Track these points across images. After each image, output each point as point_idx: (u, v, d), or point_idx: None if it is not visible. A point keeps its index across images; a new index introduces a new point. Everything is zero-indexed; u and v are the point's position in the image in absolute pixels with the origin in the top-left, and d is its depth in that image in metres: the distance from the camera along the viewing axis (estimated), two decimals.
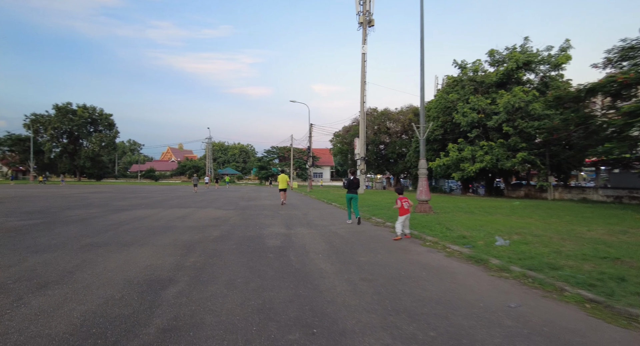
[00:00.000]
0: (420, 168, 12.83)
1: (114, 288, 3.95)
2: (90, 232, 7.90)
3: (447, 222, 9.80)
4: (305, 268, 5.09)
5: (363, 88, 29.61)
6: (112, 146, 78.75)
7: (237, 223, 9.84)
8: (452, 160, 25.64)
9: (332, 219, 11.43)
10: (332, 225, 9.86)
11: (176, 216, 11.40)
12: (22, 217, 10.51)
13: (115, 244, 6.50)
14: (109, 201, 17.64)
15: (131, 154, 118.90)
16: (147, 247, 6.29)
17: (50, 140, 70.16)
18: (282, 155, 69.67)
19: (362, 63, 29.66)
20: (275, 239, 7.41)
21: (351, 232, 8.73)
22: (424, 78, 12.82)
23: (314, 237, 7.85)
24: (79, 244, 6.43)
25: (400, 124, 44.96)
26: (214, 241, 7.06)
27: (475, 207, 15.44)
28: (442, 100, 28.74)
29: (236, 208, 14.87)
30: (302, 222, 10.41)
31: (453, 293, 4.12)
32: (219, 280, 4.41)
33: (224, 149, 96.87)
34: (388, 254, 6.18)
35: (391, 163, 48.17)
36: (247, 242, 7.07)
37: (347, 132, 48.90)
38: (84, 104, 73.45)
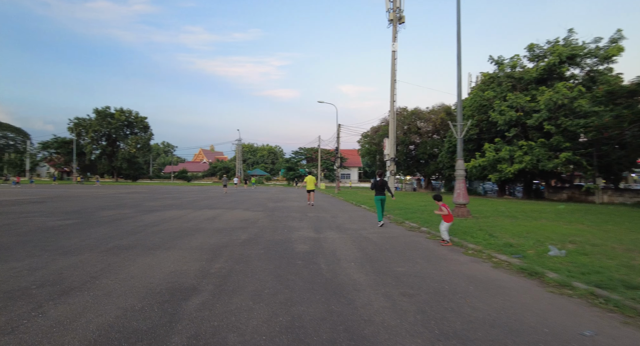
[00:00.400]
0: (457, 170, 12.08)
1: (135, 297, 3.71)
2: (120, 233, 7.88)
3: (488, 228, 9.07)
4: (337, 278, 4.67)
5: (393, 86, 28.84)
6: (146, 148, 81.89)
7: (265, 226, 9.58)
8: (489, 161, 24.38)
9: (362, 222, 10.95)
10: (362, 229, 9.38)
11: (205, 217, 11.32)
12: (60, 217, 10.77)
13: (142, 247, 6.37)
14: (141, 201, 18.02)
15: (165, 156, 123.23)
16: (173, 251, 6.11)
17: (90, 142, 73.87)
18: (310, 156, 69.67)
19: (392, 61, 28.90)
20: (304, 244, 7.05)
21: (384, 237, 8.23)
22: (461, 71, 12.08)
23: (344, 242, 7.42)
24: (107, 246, 6.34)
25: (431, 124, 43.62)
26: (241, 245, 6.80)
27: (516, 210, 14.43)
28: (477, 98, 27.46)
29: (264, 209, 14.69)
30: (332, 226, 10.00)
31: (509, 313, 3.57)
32: (245, 290, 4.09)
33: (253, 151, 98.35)
34: (427, 264, 5.65)
35: (422, 165, 46.85)
36: (275, 246, 6.75)
37: (376, 132, 48.07)
38: (121, 108, 76.79)
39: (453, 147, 31.88)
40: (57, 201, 17.27)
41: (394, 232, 9.04)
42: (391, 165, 28.89)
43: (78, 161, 73.04)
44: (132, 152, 76.81)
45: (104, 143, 76.36)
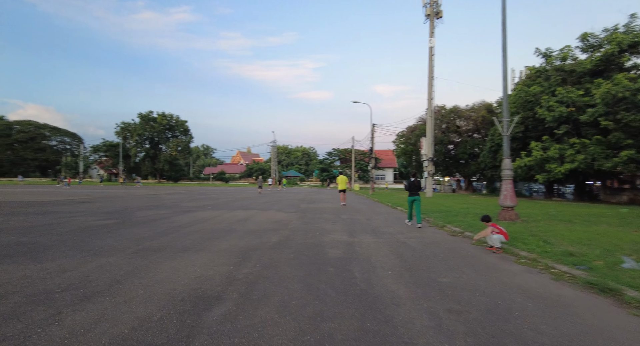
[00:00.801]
0: (504, 169, 11.13)
1: (155, 305, 3.48)
2: (153, 234, 7.87)
3: (541, 233, 8.18)
4: (373, 289, 4.21)
5: (430, 84, 27.72)
6: (187, 150, 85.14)
7: (297, 228, 9.27)
8: (536, 161, 22.69)
9: (399, 226, 10.35)
10: (399, 233, 8.81)
11: (238, 218, 11.23)
12: (101, 216, 11.10)
13: (171, 249, 6.24)
14: (179, 202, 18.43)
15: (204, 158, 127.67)
16: (201, 254, 5.92)
17: (135, 145, 77.90)
18: (344, 156, 69.14)
19: (430, 57, 27.79)
20: (336, 248, 6.64)
21: (423, 242, 7.62)
22: (507, 63, 11.13)
23: (380, 247, 6.92)
24: (138, 247, 6.28)
25: (471, 122, 41.68)
26: (271, 248, 6.51)
27: (570, 214, 13.15)
28: (521, 93, 25.73)
29: (297, 211, 14.44)
30: (366, 229, 9.51)
31: (583, 341, 2.95)
32: (271, 300, 3.74)
33: (287, 152, 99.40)
34: (475, 274, 5.04)
35: (461, 165, 44.89)
36: (306, 250, 6.39)
37: (412, 131, 46.66)
38: (163, 112, 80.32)
39: (496, 146, 30.12)
40: (101, 201, 18.06)
41: (435, 237, 8.39)
42: (429, 165, 27.75)
43: (124, 163, 77.25)
44: (173, 155, 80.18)
45: (148, 146, 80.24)
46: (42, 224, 9.06)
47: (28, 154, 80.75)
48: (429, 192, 27.97)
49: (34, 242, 6.59)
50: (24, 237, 7.11)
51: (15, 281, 4.13)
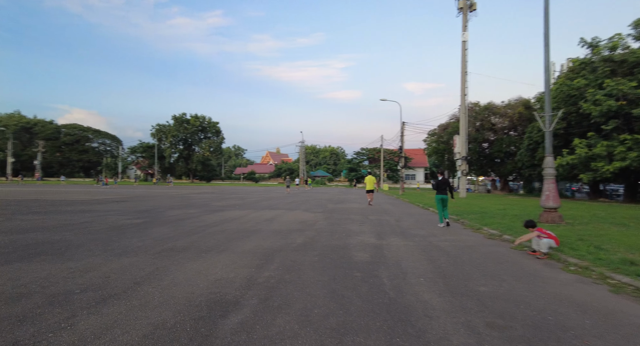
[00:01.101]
0: (546, 168, 10.31)
1: (171, 310, 3.31)
2: (179, 233, 7.86)
3: (591, 238, 7.42)
4: (403, 298, 3.85)
5: (464, 79, 26.60)
6: (218, 151, 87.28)
7: (323, 229, 8.99)
8: (580, 159, 21.14)
9: (430, 228, 9.83)
10: (432, 236, 8.32)
11: (264, 218, 11.12)
12: (132, 215, 11.35)
13: (195, 249, 6.15)
14: (209, 201, 18.69)
15: (235, 158, 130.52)
16: (224, 254, 5.77)
17: (169, 146, 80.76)
18: (372, 156, 68.18)
19: (463, 52, 26.68)
20: (363, 251, 6.29)
21: (458, 246, 7.12)
22: (549, 53, 10.29)
23: (410, 250, 6.51)
24: (163, 247, 6.24)
25: (507, 119, 39.78)
26: (295, 250, 6.27)
27: (622, 216, 12.03)
28: (563, 87, 24.09)
29: (324, 211, 14.18)
30: (396, 231, 9.07)
31: None
32: (292, 307, 3.48)
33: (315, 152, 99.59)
34: (517, 282, 4.54)
35: (497, 164, 43.00)
36: (332, 253, 6.10)
37: (444, 129, 45.22)
38: (196, 114, 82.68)
39: (534, 143, 28.45)
40: (135, 200, 18.65)
41: (470, 240, 7.84)
42: (462, 164, 26.65)
43: (159, 164, 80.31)
44: (205, 155, 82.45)
45: (181, 147, 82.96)
46: (75, 223, 9.33)
47: (73, 156, 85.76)
48: (462, 192, 26.86)
49: (64, 240, 6.73)
50: (56, 235, 7.30)
51: (39, 281, 4.13)
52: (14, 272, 4.46)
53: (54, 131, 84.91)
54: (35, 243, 6.44)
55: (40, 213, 11.61)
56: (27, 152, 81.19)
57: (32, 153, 79.51)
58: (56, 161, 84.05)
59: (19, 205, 14.38)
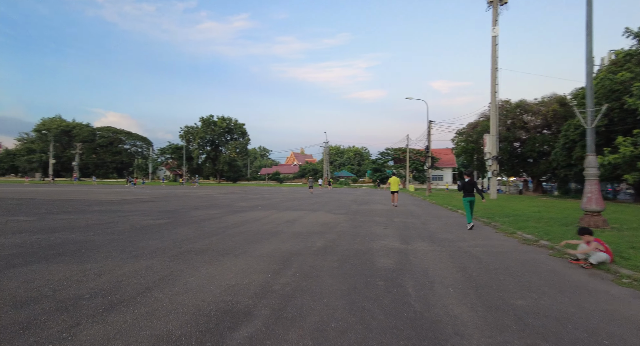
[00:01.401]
0: (588, 168, 9.52)
1: (178, 321, 3.11)
2: (199, 235, 7.78)
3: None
4: (430, 312, 3.49)
5: (494, 76, 25.49)
6: (244, 152, 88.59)
7: (345, 231, 8.67)
8: (624, 158, 19.65)
9: (460, 232, 9.29)
10: (461, 241, 7.81)
11: (286, 220, 10.92)
12: (156, 216, 11.46)
13: (213, 252, 6.00)
14: (233, 202, 18.77)
15: (261, 159, 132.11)
16: (241, 258, 5.58)
17: (197, 148, 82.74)
18: (398, 156, 66.98)
19: (493, 47, 25.57)
20: (387, 257, 5.93)
21: (490, 252, 6.61)
22: (592, 44, 9.48)
23: (439, 257, 6.08)
24: (180, 249, 6.13)
25: (540, 117, 37.88)
26: (314, 254, 5.99)
27: None
28: (605, 82, 22.55)
29: (347, 212, 13.83)
30: (422, 234, 8.61)
31: None
32: (307, 320, 3.20)
33: (339, 152, 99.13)
34: (561, 296, 4.06)
35: (529, 164, 41.09)
36: (353, 258, 5.77)
37: (473, 128, 43.67)
38: (222, 116, 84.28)
39: (570, 142, 26.85)
40: (161, 201, 19.01)
41: (504, 246, 7.29)
42: (492, 164, 25.53)
43: (187, 165, 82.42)
44: (232, 156, 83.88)
45: (209, 148, 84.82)
46: (100, 223, 9.48)
47: (107, 157, 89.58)
48: (492, 194, 25.73)
49: (87, 241, 6.77)
50: (80, 235, 7.38)
51: (52, 284, 4.06)
52: (30, 274, 4.44)
53: (89, 134, 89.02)
54: (58, 243, 6.50)
55: (71, 212, 11.95)
56: (66, 154, 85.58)
57: (70, 155, 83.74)
58: (92, 162, 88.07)
59: (54, 205, 14.94)
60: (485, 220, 11.58)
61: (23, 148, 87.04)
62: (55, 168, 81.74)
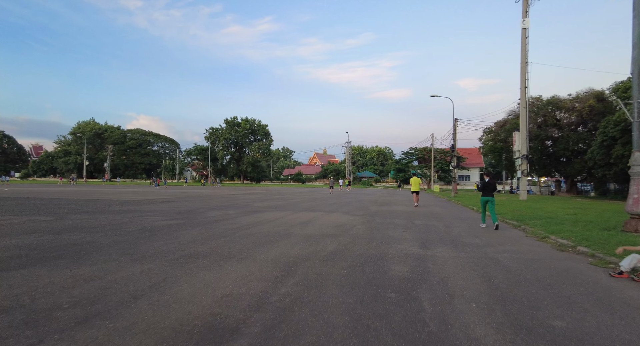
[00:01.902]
0: (633, 165, 8.55)
1: (154, 338, 2.74)
2: (207, 236, 7.50)
3: None
4: (447, 333, 2.96)
5: (524, 70, 24.16)
6: (267, 153, 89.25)
7: (360, 234, 8.16)
8: None
9: (486, 236, 8.58)
10: (487, 246, 7.14)
11: (300, 221, 10.53)
12: (171, 216, 11.36)
13: (215, 256, 5.66)
14: (251, 202, 18.60)
15: (284, 160, 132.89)
16: (244, 263, 5.21)
17: (222, 149, 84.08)
18: (422, 156, 65.35)
19: (523, 40, 24.25)
20: (403, 264, 5.39)
21: (520, 259, 5.93)
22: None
23: (461, 264, 5.48)
24: (183, 253, 5.84)
25: (575, 114, 35.78)
26: (323, 259, 5.54)
27: None
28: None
29: (365, 214, 13.29)
30: (444, 238, 7.98)
31: None
32: (301, 341, 2.75)
33: (362, 153, 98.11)
34: (609, 316, 3.41)
35: (562, 163, 38.91)
36: (364, 264, 5.28)
37: (502, 126, 41.84)
38: (246, 117, 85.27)
39: (609, 139, 25.08)
40: (181, 201, 19.09)
41: (536, 252, 6.57)
42: (522, 163, 24.20)
43: (212, 165, 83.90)
44: (255, 157, 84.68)
45: (233, 149, 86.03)
46: (114, 223, 9.42)
47: (137, 158, 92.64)
48: (522, 194, 24.39)
49: (91, 242, 6.61)
50: (88, 236, 7.26)
51: (34, 290, 3.81)
52: (19, 279, 4.23)
53: (120, 136, 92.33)
54: (63, 244, 6.37)
55: (90, 212, 12.06)
56: (98, 156, 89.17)
57: (102, 157, 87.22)
58: (122, 163, 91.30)
59: (77, 205, 15.23)
60: (514, 223, 10.75)
61: (60, 150, 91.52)
62: (89, 169, 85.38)
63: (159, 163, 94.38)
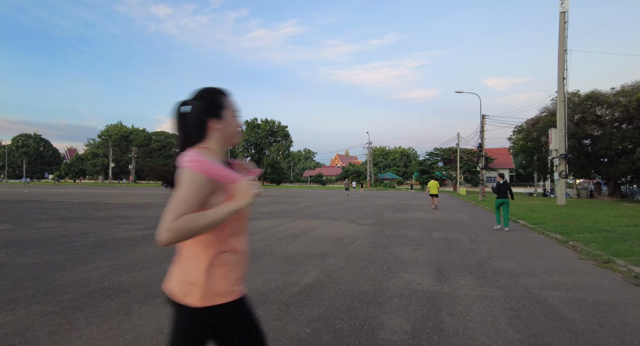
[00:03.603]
0: None
1: None
2: (159, 257, 5.93)
3: None
4: None
5: (562, 59, 21.51)
6: (287, 154, 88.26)
7: (358, 254, 6.36)
8: None
9: (525, 257, 6.56)
10: (529, 276, 5.17)
11: (293, 233, 8.84)
12: (148, 225, 9.98)
13: (137, 293, 4.05)
14: (254, 207, 17.09)
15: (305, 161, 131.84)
16: (162, 311, 3.57)
17: (242, 150, 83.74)
18: (447, 156, 62.20)
19: (561, 26, 21.61)
20: (404, 314, 3.58)
21: (582, 302, 3.96)
22: None
23: (493, 313, 3.60)
24: (97, 286, 4.26)
25: (619, 109, 32.30)
26: (285, 303, 3.80)
27: None
28: None
29: (375, 222, 11.41)
30: (469, 262, 6.05)
31: None
32: None
33: (384, 154, 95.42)
34: None
35: (603, 164, 35.38)
36: (344, 314, 3.51)
37: (534, 125, 38.65)
38: (266, 118, 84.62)
39: None
40: None
41: (603, 289, 4.57)
42: (561, 163, 21.53)
43: None
44: (275, 159, 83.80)
45: (253, 151, 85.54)
46: (68, 234, 8.06)
47: (160, 160, 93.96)
48: (560, 198, 21.69)
49: (4, 265, 5.18)
50: (13, 254, 5.86)
51: None
52: None
53: (145, 138, 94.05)
54: None
55: (61, 219, 10.85)
56: (124, 158, 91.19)
57: (128, 159, 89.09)
58: (146, 166, 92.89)
59: (62, 209, 14.22)
60: (558, 237, 8.62)
61: (89, 152, 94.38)
62: (115, 171, 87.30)
63: None
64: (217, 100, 1.29)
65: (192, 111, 1.25)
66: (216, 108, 1.28)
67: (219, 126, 1.27)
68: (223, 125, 1.28)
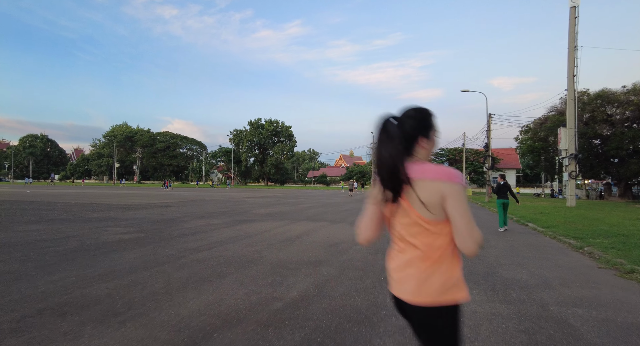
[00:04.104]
0: None
1: None
2: (136, 265, 5.46)
3: None
4: None
5: (572, 56, 20.82)
6: (291, 154, 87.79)
7: (354, 262, 5.84)
8: None
9: (538, 266, 5.99)
10: (544, 288, 4.62)
11: (288, 237, 8.34)
12: (137, 228, 9.54)
13: (97, 310, 3.57)
14: (253, 208, 16.64)
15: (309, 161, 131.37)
16: (119, 333, 3.08)
17: (246, 151, 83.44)
18: (453, 157, 61.39)
19: (571, 21, 20.93)
20: (400, 334, 3.04)
21: (610, 322, 3.41)
22: None
23: (503, 336, 3.07)
24: (55, 301, 3.78)
25: (631, 108, 31.50)
26: (264, 324, 3.29)
27: None
28: None
29: None
30: (475, 270, 5.50)
31: None
32: None
33: None
34: None
35: (613, 164, 34.53)
36: (330, 337, 2.99)
37: (541, 124, 37.89)
38: (270, 119, 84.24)
39: None
40: (177, 206, 17.44)
41: (630, 304, 4.01)
42: (570, 163, 20.82)
43: (236, 167, 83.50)
44: (279, 159, 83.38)
45: (257, 151, 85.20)
46: (54, 237, 7.63)
47: (165, 161, 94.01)
48: (570, 200, 20.97)
49: None
50: None
51: None
52: None
53: (149, 139, 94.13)
54: None
55: (48, 221, 10.43)
56: (129, 158, 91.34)
57: (132, 159, 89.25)
58: (151, 166, 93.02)
59: (54, 210, 13.86)
60: (572, 242, 8.03)
61: (94, 153, 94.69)
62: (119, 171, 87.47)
63: (186, 165, 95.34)
64: (429, 121, 1.41)
65: (405, 127, 1.35)
66: (427, 129, 1.40)
67: (426, 145, 1.39)
68: (429, 145, 1.41)
